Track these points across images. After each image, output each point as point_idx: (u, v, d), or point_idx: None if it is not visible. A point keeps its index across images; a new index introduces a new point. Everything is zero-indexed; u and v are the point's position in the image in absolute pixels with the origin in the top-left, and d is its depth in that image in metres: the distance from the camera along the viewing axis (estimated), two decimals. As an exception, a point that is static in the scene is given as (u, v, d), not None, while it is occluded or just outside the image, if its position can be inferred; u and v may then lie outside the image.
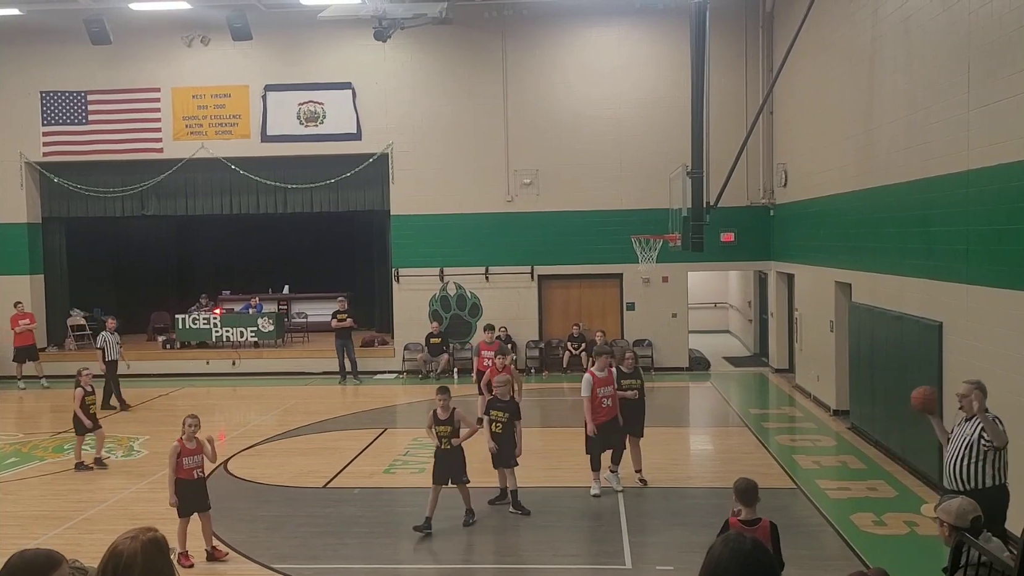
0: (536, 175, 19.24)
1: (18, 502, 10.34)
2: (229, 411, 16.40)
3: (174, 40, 19.35)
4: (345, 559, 8.31)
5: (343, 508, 9.93)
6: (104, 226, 22.05)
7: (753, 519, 5.86)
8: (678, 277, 19.13)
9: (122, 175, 19.94)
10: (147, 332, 22.24)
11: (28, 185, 20.05)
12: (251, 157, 19.56)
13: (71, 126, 19.77)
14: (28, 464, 12.08)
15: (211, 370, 19.55)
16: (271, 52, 19.40)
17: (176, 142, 19.66)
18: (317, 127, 19.49)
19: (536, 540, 8.73)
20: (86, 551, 7.24)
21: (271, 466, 11.68)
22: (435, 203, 19.39)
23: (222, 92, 19.60)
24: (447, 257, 19.53)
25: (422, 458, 11.97)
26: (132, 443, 13.25)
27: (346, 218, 21.85)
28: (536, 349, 19.41)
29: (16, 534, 8.70)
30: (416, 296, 19.63)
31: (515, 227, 19.33)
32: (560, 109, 19.15)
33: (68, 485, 11.09)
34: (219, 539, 8.53)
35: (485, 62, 19.26)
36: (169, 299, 22.80)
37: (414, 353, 19.31)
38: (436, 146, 19.35)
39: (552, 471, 11.33)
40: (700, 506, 9.95)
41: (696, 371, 19.08)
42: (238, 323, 20.53)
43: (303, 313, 22.71)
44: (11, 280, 19.72)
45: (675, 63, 17.94)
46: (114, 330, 16.32)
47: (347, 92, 19.38)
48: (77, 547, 7.76)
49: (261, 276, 23.54)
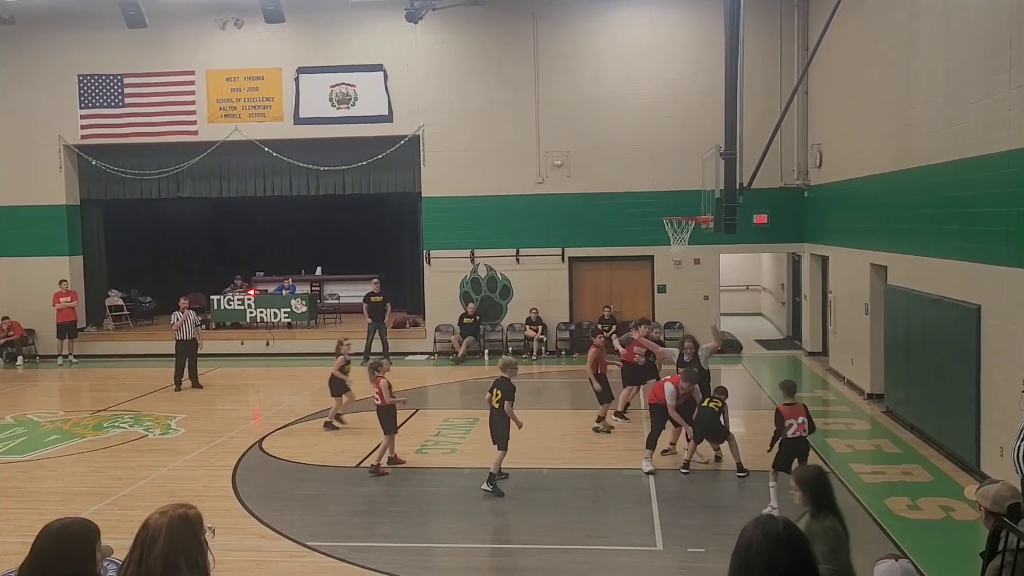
0: (567, 157, 19.15)
1: (59, 479, 10.59)
2: (263, 391, 16.63)
3: (208, 23, 19.48)
4: (378, 537, 8.42)
5: (375, 487, 10.04)
6: (141, 208, 22.36)
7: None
8: (710, 259, 18.98)
9: (158, 157, 20.18)
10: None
11: (67, 168, 20.38)
12: (284, 139, 19.69)
13: (108, 109, 20.04)
14: (69, 442, 12.36)
15: (245, 350, 19.82)
16: (304, 34, 19.47)
17: (210, 125, 19.85)
18: (349, 109, 19.56)
19: (566, 521, 8.77)
20: (125, 527, 7.38)
21: (305, 445, 11.83)
22: (466, 185, 19.40)
23: (255, 75, 19.72)
24: (478, 239, 19.55)
25: (453, 438, 12.08)
26: (170, 421, 13.49)
27: (378, 200, 21.94)
28: (567, 331, 19.40)
29: (58, 510, 8.89)
30: (447, 278, 19.70)
31: (546, 209, 19.28)
32: (591, 90, 19.02)
33: (108, 462, 11.34)
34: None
35: (516, 43, 19.16)
36: (204, 280, 23.11)
37: (445, 335, 19.40)
38: (467, 128, 19.33)
39: (582, 452, 11.36)
40: (732, 489, 9.93)
41: (728, 354, 18.95)
42: (272, 304, 20.77)
43: (335, 294, 22.90)
44: (51, 261, 20.11)
45: (708, 43, 17.70)
46: (185, 309, 16.41)
47: (379, 74, 19.41)
48: (117, 523, 7.93)
49: (294, 258, 23.77)
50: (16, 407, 15.08)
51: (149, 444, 12.20)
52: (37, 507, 9.27)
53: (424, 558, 8.04)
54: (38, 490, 10.09)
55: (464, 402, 15.15)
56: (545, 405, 14.90)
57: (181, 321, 16.25)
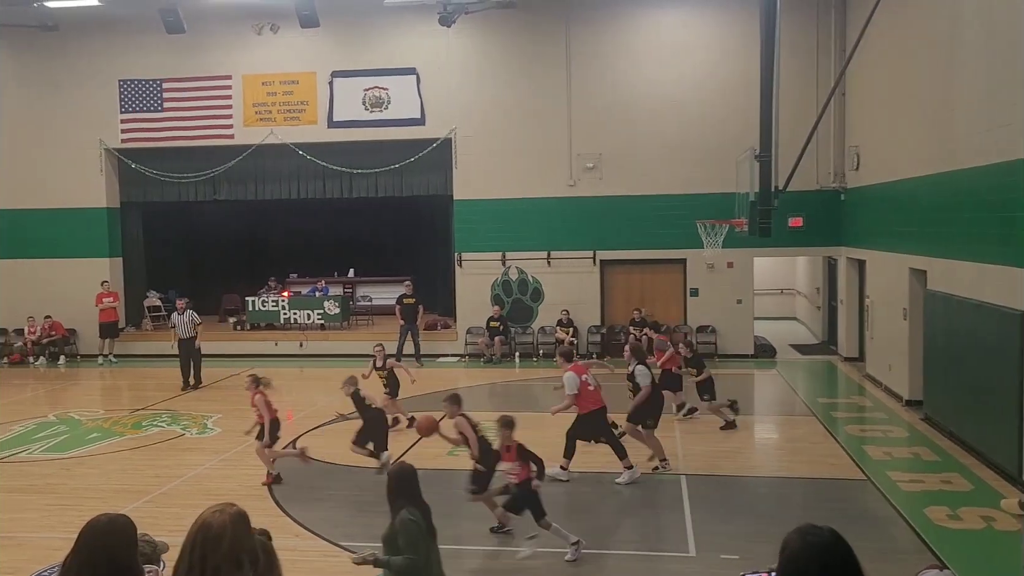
0: (599, 159, 19.11)
1: (100, 476, 10.79)
2: (296, 392, 16.77)
3: (245, 28, 19.74)
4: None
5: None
6: (178, 211, 22.71)
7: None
8: (744, 262, 18.82)
9: (195, 161, 20.48)
10: (219, 314, 22.88)
11: (108, 171, 20.76)
12: (318, 143, 19.88)
13: (147, 113, 20.39)
14: (109, 440, 12.57)
15: (279, 351, 20.04)
16: (338, 39, 19.64)
17: (246, 128, 20.11)
18: (382, 112, 19.70)
19: (597, 525, 8.74)
20: (163, 524, 7.52)
21: (338, 446, 11.90)
22: (497, 188, 19.44)
23: (290, 79, 19.95)
24: (509, 242, 19.57)
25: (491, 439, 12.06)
26: (206, 421, 13.68)
27: (410, 203, 22.05)
28: (598, 334, 19.33)
29: (98, 507, 9.04)
30: (478, 280, 19.75)
31: (577, 212, 19.25)
32: (624, 92, 18.96)
33: (146, 461, 11.52)
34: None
35: (548, 46, 19.17)
36: (240, 282, 23.37)
37: (476, 337, 19.44)
38: (499, 130, 19.37)
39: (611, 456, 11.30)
40: (765, 495, 9.82)
41: (761, 358, 18.78)
42: (305, 306, 20.97)
43: (368, 296, 23.06)
44: (92, 263, 20.49)
45: (741, 43, 17.57)
46: (183, 311, 16.79)
47: (411, 78, 19.52)
48: (155, 520, 8.06)
49: (327, 260, 23.96)
50: (58, 405, 15.39)
51: (186, 443, 12.37)
52: (78, 504, 9.45)
53: (454, 560, 8.03)
54: (79, 487, 10.28)
55: (494, 404, 15.15)
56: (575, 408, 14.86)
57: (178, 321, 16.62)
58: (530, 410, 14.44)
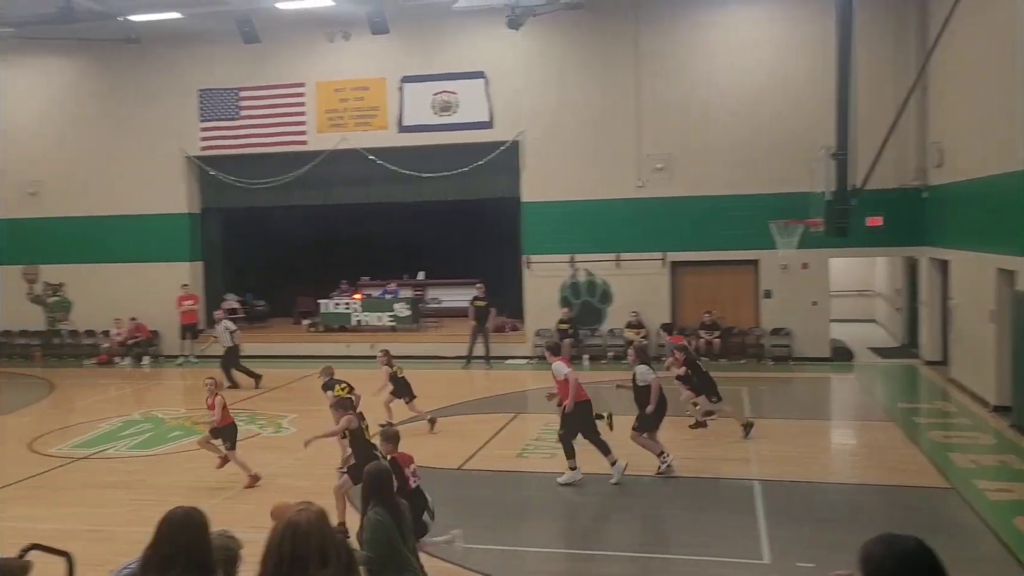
0: (669, 160, 18.89)
1: (181, 473, 11.14)
2: (367, 393, 17.02)
3: (318, 37, 20.18)
4: (477, 539, 8.47)
5: (475, 490, 10.14)
6: (254, 215, 23.32)
7: None
8: (819, 263, 18.34)
9: (270, 167, 21.00)
10: (293, 316, 23.43)
11: (188, 178, 21.49)
12: (388, 147, 20.18)
13: (225, 121, 21.03)
14: (190, 437, 12.98)
15: (351, 353, 20.36)
16: (407, 44, 19.91)
17: (319, 134, 20.55)
18: (450, 116, 19.88)
19: (666, 529, 8.64)
20: (240, 520, 7.72)
21: (407, 447, 12.01)
22: (565, 189, 19.41)
23: (361, 85, 20.30)
24: (577, 243, 19.51)
25: (553, 443, 12.05)
26: (281, 420, 14.01)
27: (478, 206, 22.19)
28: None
29: (179, 502, 9.34)
30: (546, 282, 19.74)
31: (646, 213, 19.07)
32: (694, 91, 18.71)
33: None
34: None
35: (617, 46, 19.05)
36: (313, 284, 23.88)
37: (544, 339, 19.40)
38: (566, 132, 19.33)
39: (680, 460, 11.15)
40: (842, 502, 9.56)
41: (838, 362, 18.26)
42: (376, 308, 21.31)
43: (437, 299, 23.29)
44: (174, 267, 21.25)
45: (815, 39, 17.15)
46: (220, 320, 17.55)
47: (480, 81, 19.65)
48: (232, 516, 8.29)
49: (398, 263, 24.28)
50: (143, 404, 15.98)
51: (262, 442, 12.69)
52: (161, 499, 9.75)
53: (520, 562, 8.07)
54: (162, 483, 10.63)
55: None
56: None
57: (219, 331, 17.33)
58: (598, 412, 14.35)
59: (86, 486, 10.57)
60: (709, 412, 12.64)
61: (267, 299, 23.84)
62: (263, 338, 21.40)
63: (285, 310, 23.67)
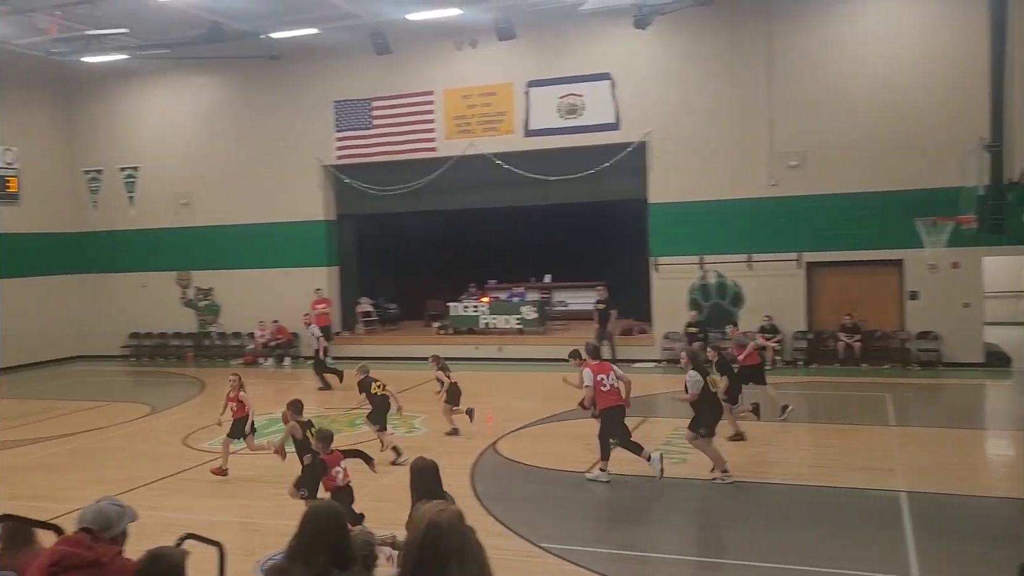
0: (804, 156, 18.18)
1: (320, 469, 11.58)
2: (495, 394, 17.23)
3: (446, 45, 20.64)
4: (608, 543, 8.43)
5: (604, 493, 10.07)
6: (386, 221, 24.09)
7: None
8: (971, 262, 17.18)
9: (401, 174, 21.63)
10: (424, 319, 24.03)
11: (325, 186, 22.44)
12: (515, 152, 20.38)
13: (358, 131, 21.83)
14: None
15: (479, 355, 20.69)
16: (534, 49, 20.06)
17: (448, 141, 21.01)
18: (576, 119, 19.88)
19: (805, 540, 8.29)
20: (378, 518, 7.97)
21: (536, 449, 12.12)
22: (693, 190, 19.02)
23: (489, 91, 20.60)
24: (706, 244, 19.09)
25: (684, 448, 11.82)
26: (413, 421, 14.38)
27: (604, 208, 22.08)
28: (804, 340, 18.39)
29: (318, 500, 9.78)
30: (675, 285, 19.40)
31: (779, 212, 18.42)
32: (830, 85, 17.94)
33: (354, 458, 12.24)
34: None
35: (747, 41, 18.52)
36: (443, 288, 24.43)
37: (673, 342, 19.09)
38: (694, 132, 18.95)
39: (817, 468, 10.73)
40: (995, 517, 8.90)
41: (993, 367, 17.04)
42: (503, 311, 21.56)
43: (563, 301, 23.31)
44: (312, 272, 22.24)
45: (964, 26, 16.13)
46: (309, 325, 19.04)
47: (606, 83, 19.56)
48: (370, 513, 8.55)
49: (524, 266, 24.49)
50: (285, 403, 16.72)
51: (394, 441, 13.03)
52: (302, 494, 10.22)
53: (650, 568, 7.94)
54: (301, 479, 11.11)
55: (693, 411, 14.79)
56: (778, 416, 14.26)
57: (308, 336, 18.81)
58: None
59: (234, 480, 11.18)
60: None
61: (398, 302, 24.58)
62: (394, 340, 22.06)
63: (416, 313, 24.34)
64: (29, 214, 23.10)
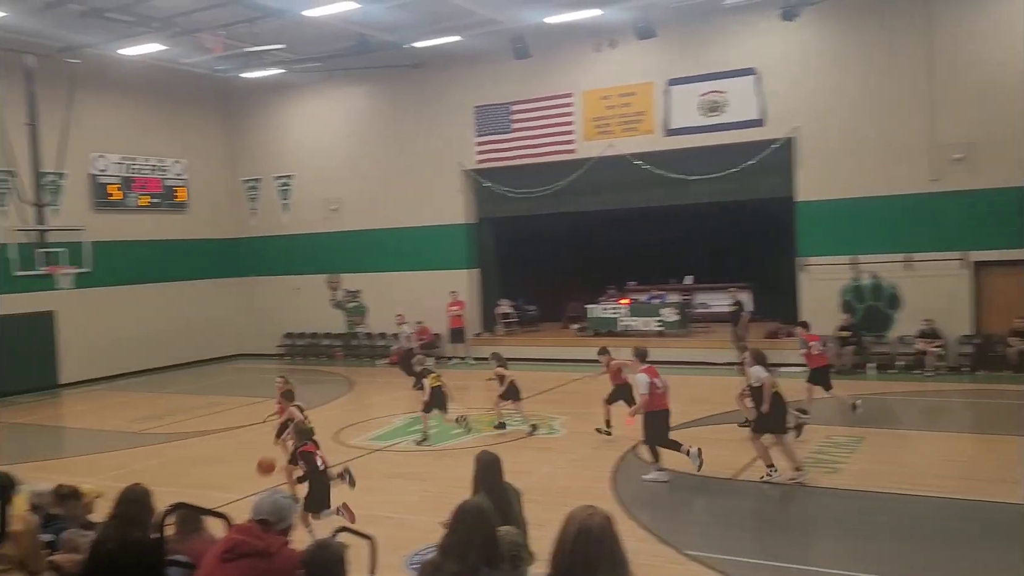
0: (971, 149, 16.94)
1: (464, 468, 11.73)
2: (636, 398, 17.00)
3: (584, 47, 20.60)
4: (754, 553, 8.11)
5: (749, 502, 9.74)
6: (525, 224, 24.27)
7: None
8: None
9: (539, 176, 21.77)
10: (562, 320, 24.07)
11: (466, 190, 22.90)
12: (654, 151, 20.09)
13: (498, 135, 22.15)
14: (471, 435, 13.75)
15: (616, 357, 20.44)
16: (674, 46, 19.69)
17: (586, 142, 20.97)
18: (719, 116, 19.38)
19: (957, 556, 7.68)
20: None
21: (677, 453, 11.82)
22: (845, 187, 18.12)
23: (628, 91, 20.41)
24: (860, 244, 18.13)
25: (836, 457, 11.26)
26: (552, 422, 14.40)
27: (748, 207, 21.39)
28: (969, 345, 17.12)
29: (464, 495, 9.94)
30: (825, 286, 18.54)
31: (942, 208, 17.26)
32: (998, 70, 16.66)
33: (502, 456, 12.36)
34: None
35: (904, 27, 17.46)
36: (581, 289, 24.38)
37: (822, 346, 18.21)
38: (846, 126, 18.05)
39: (972, 482, 9.95)
40: None
41: None
42: (643, 313, 21.29)
43: (705, 303, 22.76)
44: (453, 274, 22.75)
45: None
46: (402, 323, 20.67)
47: (750, 78, 18.96)
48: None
49: (664, 267, 24.10)
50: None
51: (536, 442, 13.12)
52: (447, 492, 10.36)
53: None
54: (446, 477, 11.32)
55: (846, 419, 14.07)
56: (938, 426, 13.43)
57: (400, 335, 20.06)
58: (888, 427, 13.27)
59: (382, 476, 11.54)
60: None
61: (537, 304, 24.73)
62: (534, 341, 22.19)
63: (555, 314, 24.41)
64: (195, 221, 24.89)
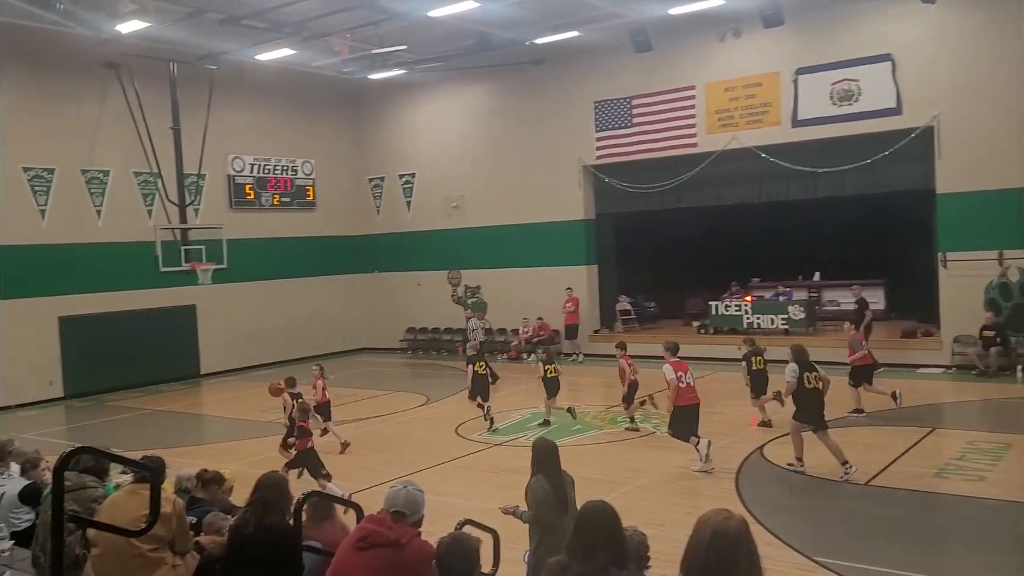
0: None
1: (583, 466, 11.64)
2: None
3: (707, 37, 20.14)
4: (888, 562, 7.73)
5: (879, 508, 9.32)
6: (645, 219, 23.98)
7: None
8: None
9: (660, 171, 21.44)
10: (683, 317, 23.66)
11: (585, 186, 22.83)
12: (780, 144, 19.44)
13: (618, 130, 21.97)
14: (589, 432, 13.74)
15: (741, 356, 19.91)
16: (802, 34, 18.98)
17: (709, 135, 20.50)
18: (851, 106, 18.55)
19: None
20: (638, 515, 7.94)
21: (806, 455, 11.42)
22: (992, 177, 16.98)
23: (753, 82, 19.82)
24: (1008, 238, 16.94)
25: (979, 465, 10.61)
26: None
27: (882, 200, 20.35)
28: None
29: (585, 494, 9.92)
30: (968, 283, 17.42)
31: (1104, 199, 15.92)
32: None
33: (620, 454, 12.32)
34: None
35: (1061, 4, 16.19)
36: (702, 286, 23.89)
37: (965, 346, 17.20)
38: (993, 112, 16.92)
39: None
40: None
41: None
42: (768, 310, 20.65)
43: (835, 300, 21.86)
44: (571, 270, 22.75)
45: None
46: (468, 318, 20.74)
47: (885, 65, 18.05)
48: (630, 511, 8.52)
49: (790, 263, 23.28)
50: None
51: (656, 440, 12.95)
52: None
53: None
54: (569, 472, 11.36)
55: (991, 423, 13.25)
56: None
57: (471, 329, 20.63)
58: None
59: (502, 470, 11.68)
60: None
61: (657, 300, 24.39)
62: (652, 338, 21.81)
63: (675, 311, 24.01)
64: (324, 219, 25.90)
